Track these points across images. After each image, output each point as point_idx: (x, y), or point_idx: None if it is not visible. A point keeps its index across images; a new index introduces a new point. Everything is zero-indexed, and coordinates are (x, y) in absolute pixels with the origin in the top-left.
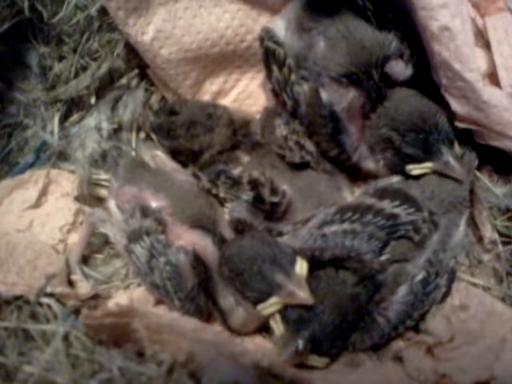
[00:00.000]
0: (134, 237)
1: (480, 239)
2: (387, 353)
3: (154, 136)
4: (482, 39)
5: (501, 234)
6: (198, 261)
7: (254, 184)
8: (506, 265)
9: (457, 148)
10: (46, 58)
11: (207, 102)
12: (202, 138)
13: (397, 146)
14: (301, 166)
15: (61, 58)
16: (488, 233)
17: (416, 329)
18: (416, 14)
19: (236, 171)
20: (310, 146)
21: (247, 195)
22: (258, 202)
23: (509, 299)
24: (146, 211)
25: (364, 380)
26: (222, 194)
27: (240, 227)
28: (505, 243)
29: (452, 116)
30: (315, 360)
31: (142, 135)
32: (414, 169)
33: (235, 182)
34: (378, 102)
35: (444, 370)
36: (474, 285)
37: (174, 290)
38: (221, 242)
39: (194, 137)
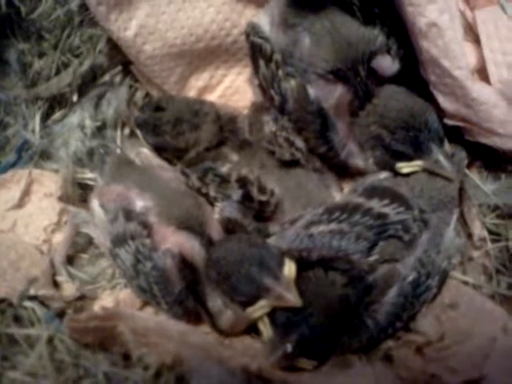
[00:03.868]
0: (119, 241)
1: (469, 236)
2: (377, 352)
3: (138, 132)
4: (472, 33)
5: (490, 232)
6: (185, 264)
7: (243, 182)
8: (496, 262)
9: (447, 146)
10: (26, 55)
11: (194, 98)
12: (189, 135)
13: (386, 144)
14: (290, 164)
15: (41, 55)
16: (477, 230)
17: (406, 328)
18: (404, 10)
19: (224, 168)
20: (299, 142)
21: (236, 194)
22: (246, 200)
23: (498, 297)
24: (129, 215)
25: (353, 381)
26: (212, 193)
27: (230, 227)
28: (494, 241)
29: (441, 113)
30: (304, 363)
31: (127, 132)
32: (404, 167)
33: (223, 180)
34: (365, 99)
35: (434, 369)
36: (465, 283)
37: (161, 294)
38: (208, 243)
39: (180, 134)
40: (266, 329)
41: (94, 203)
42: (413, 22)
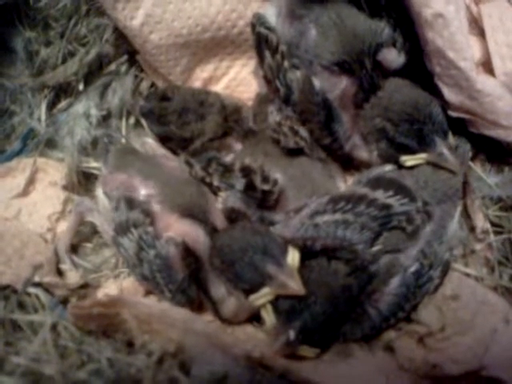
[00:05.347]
0: (122, 229)
1: (472, 229)
2: (378, 343)
3: (143, 121)
4: (477, 27)
5: (493, 224)
6: (188, 252)
7: (246, 171)
8: (498, 254)
9: (451, 139)
10: (33, 43)
11: (199, 88)
12: (194, 125)
13: (391, 137)
14: (295, 153)
15: (48, 43)
16: (480, 222)
17: (407, 319)
18: (409, 1)
19: (227, 158)
20: (303, 132)
21: (240, 183)
22: (249, 189)
23: (500, 289)
24: (131, 203)
25: (355, 370)
26: (215, 183)
27: (234, 216)
28: (497, 233)
29: (445, 105)
30: (306, 351)
31: (132, 121)
32: (408, 160)
33: (227, 169)
34: (370, 92)
35: (435, 360)
36: (467, 275)
37: (164, 282)
38: (212, 231)
39: (185, 124)
40: (268, 316)
41: (99, 191)
42: (418, 13)
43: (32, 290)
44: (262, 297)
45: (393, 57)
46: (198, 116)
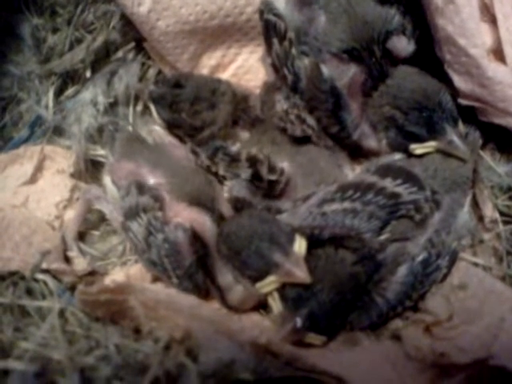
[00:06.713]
0: (131, 214)
1: (481, 218)
2: (385, 331)
3: (152, 106)
4: (488, 13)
5: (502, 214)
6: (196, 238)
7: (253, 161)
8: (507, 244)
9: (461, 126)
10: (40, 30)
11: (211, 76)
12: (205, 114)
13: (400, 125)
14: (302, 141)
15: (55, 30)
16: (489, 212)
17: (415, 308)
18: None
19: (234, 148)
20: (310, 120)
21: (246, 173)
22: (255, 179)
23: (509, 279)
24: (142, 188)
25: (362, 358)
26: (221, 172)
27: (239, 205)
28: (505, 222)
29: (455, 93)
30: (313, 338)
31: (139, 109)
32: (418, 148)
33: (233, 159)
34: (379, 79)
35: (442, 348)
36: (475, 264)
37: (171, 268)
38: (219, 219)
39: (197, 113)
40: (275, 304)
41: (107, 180)
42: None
43: (40, 276)
44: (269, 284)
45: (402, 45)
46: (210, 105)
